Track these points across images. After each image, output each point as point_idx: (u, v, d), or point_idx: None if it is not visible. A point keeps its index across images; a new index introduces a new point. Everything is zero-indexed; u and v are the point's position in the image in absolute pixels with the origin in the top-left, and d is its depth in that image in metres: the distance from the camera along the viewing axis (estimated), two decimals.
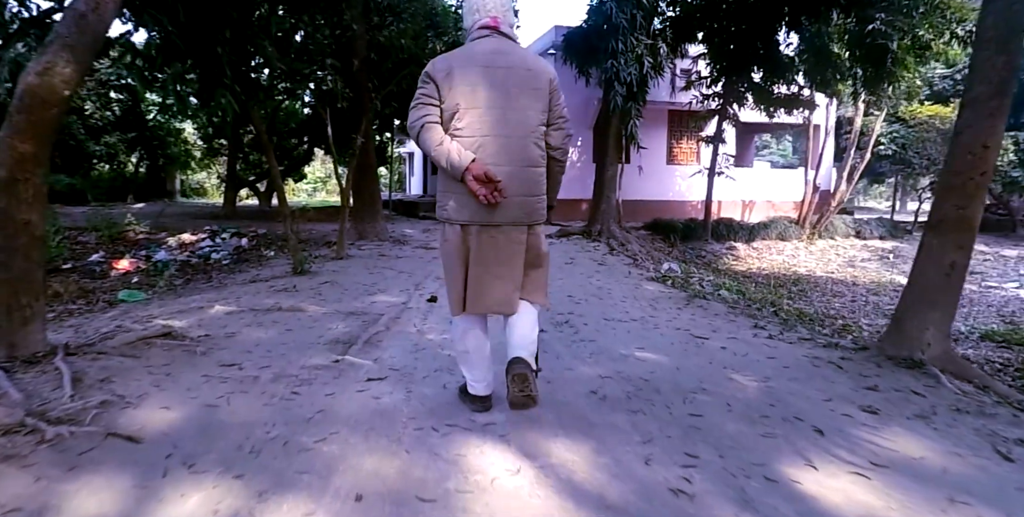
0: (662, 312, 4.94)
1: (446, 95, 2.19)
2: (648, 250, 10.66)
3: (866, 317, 8.19)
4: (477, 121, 2.18)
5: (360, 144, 7.99)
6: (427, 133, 2.19)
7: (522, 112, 2.22)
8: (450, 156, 2.15)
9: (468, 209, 2.22)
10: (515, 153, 2.22)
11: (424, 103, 2.21)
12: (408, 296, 5.15)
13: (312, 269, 6.57)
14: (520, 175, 2.23)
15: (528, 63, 2.26)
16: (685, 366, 3.22)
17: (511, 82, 2.20)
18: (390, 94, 9.32)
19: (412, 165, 29.14)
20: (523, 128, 2.23)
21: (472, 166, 2.13)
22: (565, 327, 4.13)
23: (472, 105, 2.18)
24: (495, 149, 2.19)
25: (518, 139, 2.22)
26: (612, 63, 9.92)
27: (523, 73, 2.23)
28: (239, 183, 17.47)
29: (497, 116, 2.19)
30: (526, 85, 2.23)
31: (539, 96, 2.25)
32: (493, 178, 2.14)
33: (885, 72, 9.50)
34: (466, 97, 2.17)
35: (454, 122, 2.20)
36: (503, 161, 2.19)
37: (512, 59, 2.24)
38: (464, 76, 2.18)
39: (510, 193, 2.19)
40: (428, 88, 2.21)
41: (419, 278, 6.23)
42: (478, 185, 2.14)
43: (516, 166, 2.22)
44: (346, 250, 7.91)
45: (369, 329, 3.83)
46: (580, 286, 5.86)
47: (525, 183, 2.25)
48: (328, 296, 5.05)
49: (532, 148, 2.26)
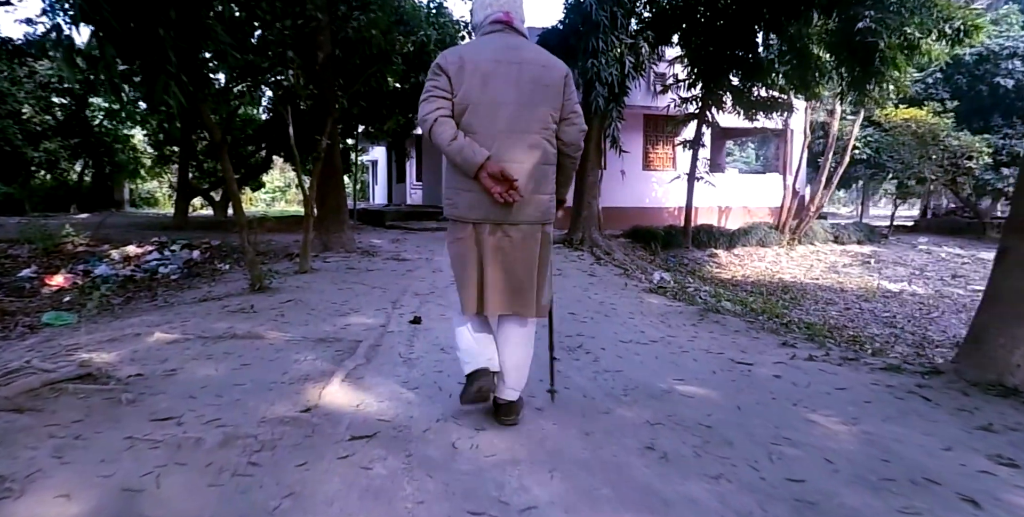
0: (678, 330, 4.35)
1: (458, 88, 2.12)
2: (632, 259, 10.14)
3: (869, 327, 7.80)
4: (490, 117, 2.12)
5: (325, 147, 7.25)
6: (440, 127, 2.11)
7: (535, 108, 2.17)
8: (464, 152, 2.08)
9: (481, 207, 2.16)
10: (529, 150, 2.17)
11: (436, 96, 2.13)
12: (387, 317, 4.44)
13: (272, 285, 5.80)
14: (534, 173, 2.18)
15: (541, 59, 2.22)
16: (745, 404, 2.62)
17: (524, 77, 2.15)
18: (357, 94, 8.61)
19: (375, 173, 28.26)
20: (537, 125, 2.17)
21: (488, 164, 2.07)
22: (580, 353, 3.50)
23: (485, 100, 2.12)
24: (508, 146, 2.13)
25: (532, 136, 2.17)
26: (593, 63, 9.40)
27: (537, 69, 2.18)
28: (192, 192, 16.39)
29: (510, 112, 2.14)
30: (539, 81, 2.17)
31: (552, 92, 2.20)
32: (510, 176, 2.08)
33: (873, 72, 9.21)
34: (478, 92, 2.12)
35: (465, 116, 2.14)
36: (517, 158, 2.14)
37: (525, 54, 2.19)
38: (476, 70, 2.12)
39: (525, 191, 2.14)
40: (440, 80, 2.14)
41: (395, 294, 5.52)
42: (493, 183, 2.07)
43: (530, 164, 2.17)
44: (310, 263, 7.14)
45: (345, 362, 3.12)
46: (579, 301, 5.24)
47: (539, 181, 2.20)
48: (292, 318, 4.31)
49: (546, 145, 2.21)
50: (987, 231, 16.50)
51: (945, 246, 14.89)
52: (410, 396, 2.65)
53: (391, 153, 23.14)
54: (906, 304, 9.62)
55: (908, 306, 9.45)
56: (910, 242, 15.38)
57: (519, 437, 2.20)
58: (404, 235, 11.94)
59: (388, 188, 24.18)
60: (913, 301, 9.84)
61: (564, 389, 2.80)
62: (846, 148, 13.26)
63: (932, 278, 11.98)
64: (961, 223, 17.06)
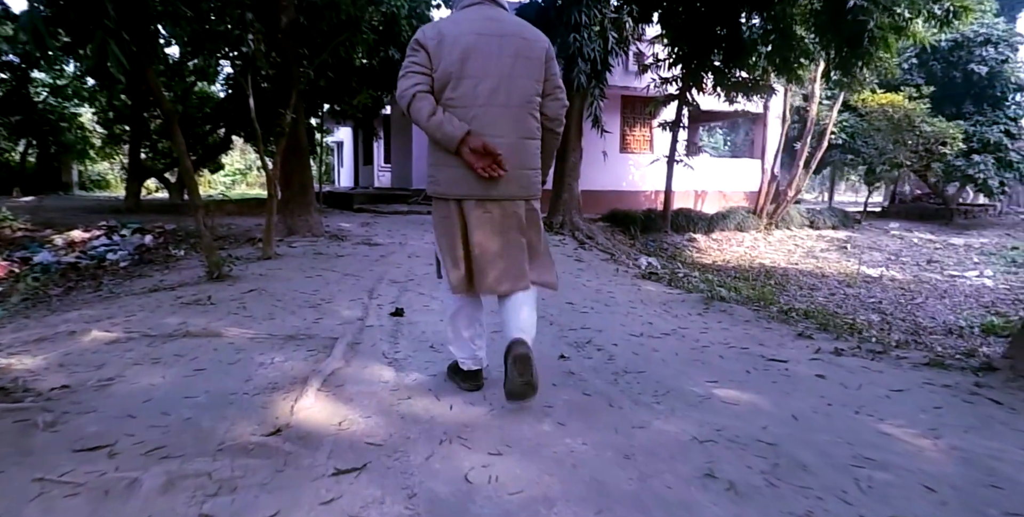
0: (687, 321, 3.98)
1: (438, 63, 2.08)
2: (615, 243, 9.78)
3: (858, 313, 7.60)
4: (471, 91, 2.08)
5: (289, 122, 6.64)
6: (418, 103, 2.07)
7: (518, 81, 2.12)
8: (443, 127, 2.04)
9: (464, 183, 2.12)
10: (512, 124, 2.13)
11: (414, 71, 2.09)
12: (364, 308, 3.96)
13: (233, 273, 5.23)
14: (518, 147, 2.14)
15: (523, 31, 2.17)
16: (802, 413, 2.23)
17: (506, 50, 2.10)
18: (324, 65, 7.98)
19: (341, 155, 27.34)
20: (519, 98, 2.13)
21: (469, 138, 2.04)
22: (591, 350, 3.08)
23: (466, 74, 2.08)
24: (491, 120, 2.09)
25: (514, 109, 2.13)
26: (575, 37, 8.91)
27: (518, 41, 2.13)
28: (144, 173, 15.41)
29: (492, 85, 2.09)
30: (521, 53, 2.13)
31: (535, 65, 2.16)
32: (493, 151, 2.04)
33: (861, 52, 8.94)
34: (459, 65, 2.07)
35: (447, 92, 2.09)
36: (500, 132, 2.10)
37: (506, 26, 2.14)
38: (457, 43, 2.07)
39: (509, 166, 2.09)
40: (419, 56, 2.10)
41: (370, 282, 5.03)
42: (475, 158, 2.05)
43: (513, 138, 2.13)
44: (274, 248, 6.56)
45: (320, 364, 2.64)
46: (574, 289, 4.83)
47: (522, 155, 2.16)
48: (256, 311, 3.79)
49: (529, 119, 2.17)
50: (954, 217, 16.65)
51: (916, 231, 14.95)
52: (402, 408, 2.20)
53: (358, 134, 22.31)
54: (887, 289, 9.50)
55: (890, 291, 9.32)
56: (882, 227, 15.41)
57: (545, 462, 1.78)
58: (374, 219, 11.36)
59: (355, 170, 23.37)
60: (894, 286, 9.73)
61: (584, 396, 2.38)
62: (824, 133, 13.09)
63: (908, 263, 11.95)
64: (930, 209, 17.18)
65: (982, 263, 11.96)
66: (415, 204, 14.56)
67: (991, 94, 15.09)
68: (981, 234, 14.73)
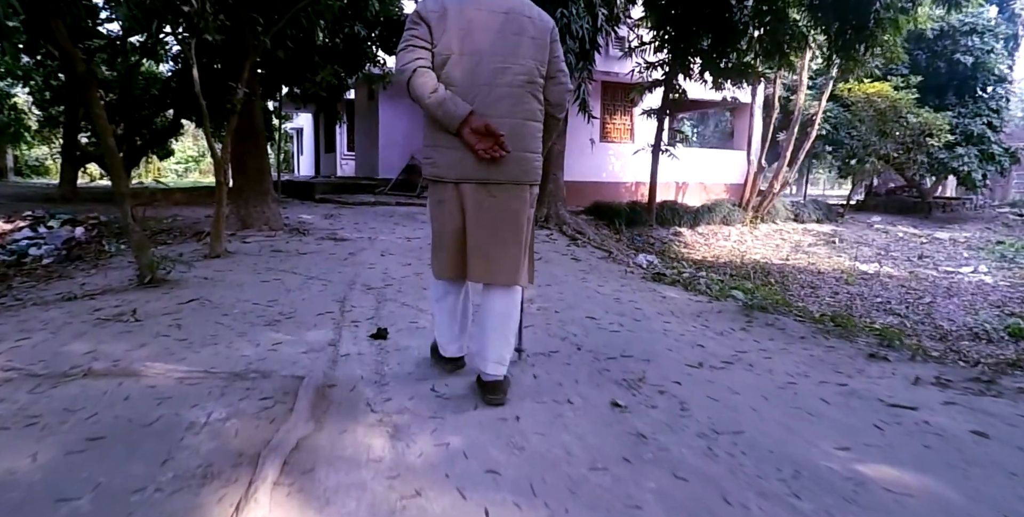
0: (738, 341, 3.25)
1: (439, 38, 1.97)
2: (603, 238, 9.06)
3: (871, 314, 7.06)
4: (473, 68, 1.98)
5: (242, 97, 5.67)
6: (419, 78, 1.94)
7: (522, 61, 2.02)
8: (445, 105, 1.93)
9: (463, 165, 2.00)
10: (514, 105, 2.02)
11: (415, 45, 1.97)
12: (335, 326, 3.11)
13: (171, 276, 4.30)
14: (519, 129, 2.03)
15: (527, 10, 2.06)
16: (1019, 513, 1.50)
17: (510, 28, 2.00)
18: (282, 36, 6.98)
19: (301, 143, 25.98)
20: (522, 78, 2.02)
21: (471, 118, 1.93)
22: (650, 392, 2.29)
23: (468, 51, 1.97)
24: (493, 100, 1.99)
25: (517, 89, 2.02)
26: (563, 12, 8.08)
27: (523, 20, 2.03)
28: (82, 158, 14.03)
29: (495, 64, 1.99)
30: (525, 32, 2.03)
31: (539, 45, 2.05)
32: (495, 132, 1.93)
33: (865, 35, 8.37)
34: (461, 42, 1.97)
35: (447, 68, 1.99)
36: (502, 113, 2.00)
37: (511, 3, 2.04)
38: (460, 18, 1.96)
39: (510, 148, 1.98)
40: (419, 29, 1.98)
41: (340, 288, 4.17)
42: (477, 139, 1.94)
43: (516, 119, 2.03)
44: (224, 245, 5.62)
45: (279, 429, 1.81)
46: (588, 297, 4.04)
47: (524, 138, 2.06)
48: (193, 332, 2.91)
49: (531, 100, 2.07)
50: (932, 211, 16.46)
51: (899, 225, 14.65)
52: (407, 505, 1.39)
53: (319, 120, 21.08)
54: (888, 287, 9.02)
55: (892, 290, 8.84)
56: (865, 221, 15.08)
57: None
58: (338, 210, 10.40)
59: (316, 159, 22.13)
60: (894, 284, 9.26)
61: (678, 481, 1.60)
62: (812, 124, 12.59)
63: (900, 259, 11.56)
64: (908, 203, 16.97)
65: (973, 258, 11.64)
66: (382, 194, 13.59)
67: (973, 85, 14.84)
68: (963, 228, 14.51)
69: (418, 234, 7.34)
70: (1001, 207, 16.59)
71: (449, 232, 2.08)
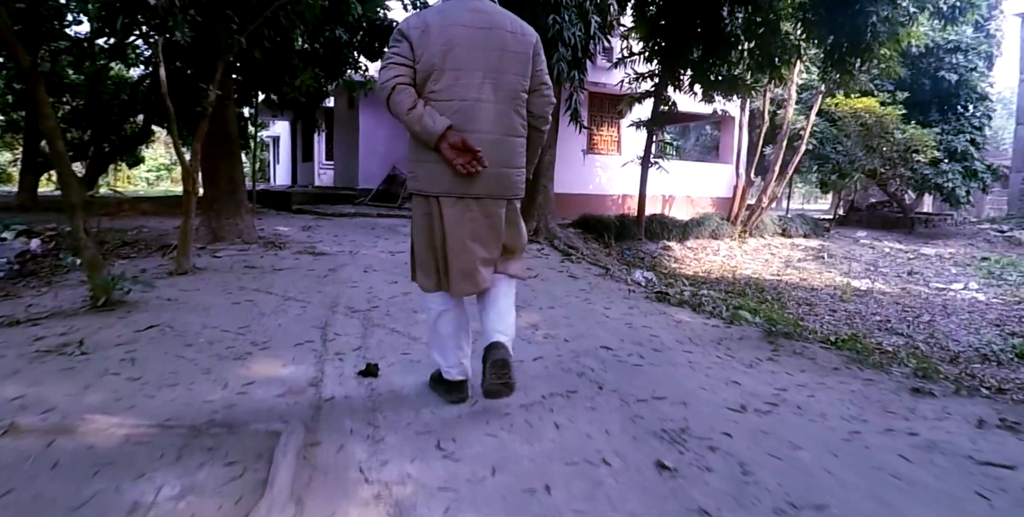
0: (769, 374, 2.90)
1: (421, 54, 1.97)
2: (594, 252, 8.73)
3: (873, 333, 6.80)
4: (455, 84, 1.98)
5: (214, 100, 5.24)
6: (398, 96, 1.95)
7: (504, 76, 2.02)
8: (423, 121, 1.93)
9: (443, 180, 2.00)
10: (496, 120, 2.02)
11: (396, 63, 1.98)
12: (317, 360, 2.69)
13: (130, 297, 3.85)
14: (500, 144, 2.03)
15: (510, 25, 2.06)
16: None
17: (492, 43, 2.01)
18: (258, 36, 6.57)
19: (278, 151, 25.37)
20: (505, 93, 2.03)
21: (448, 133, 1.93)
22: (697, 447, 1.92)
23: (450, 66, 1.97)
24: (474, 115, 1.99)
25: (499, 105, 2.03)
26: (555, 18, 7.79)
27: (505, 35, 2.03)
28: (44, 165, 13.35)
29: (477, 79, 1.99)
30: (508, 47, 2.03)
31: (522, 59, 2.06)
32: (471, 147, 1.94)
33: (862, 49, 8.21)
34: (444, 57, 1.96)
35: (429, 84, 1.98)
36: (483, 128, 2.00)
37: (494, 19, 2.03)
38: (442, 35, 1.96)
39: (489, 163, 1.98)
40: (401, 47, 1.99)
41: (321, 311, 3.75)
42: (455, 154, 1.94)
43: (497, 134, 2.03)
44: (193, 260, 5.15)
45: (250, 514, 1.39)
46: (598, 323, 3.66)
47: (505, 153, 2.05)
48: (148, 370, 2.47)
49: (513, 116, 2.07)
50: (915, 226, 16.46)
51: (885, 240, 14.58)
52: None
53: (296, 128, 20.57)
54: (884, 304, 8.81)
55: (888, 307, 8.63)
56: (850, 236, 14.99)
57: None
58: (316, 221, 9.94)
59: (292, 168, 21.56)
60: (889, 301, 9.06)
61: None
62: (800, 138, 12.46)
63: (889, 275, 11.42)
64: (891, 218, 16.97)
65: (961, 274, 11.55)
66: (362, 205, 13.13)
67: (956, 103, 14.91)
68: (947, 244, 14.48)
69: (401, 248, 6.93)
70: (981, 223, 16.66)
71: (432, 246, 2.07)
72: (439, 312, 2.14)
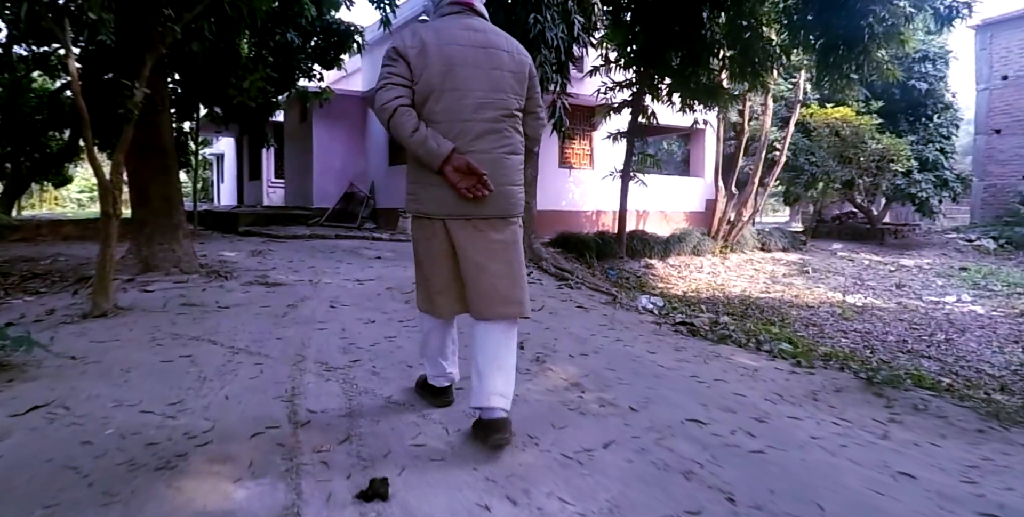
0: (921, 454, 2.11)
1: (419, 74, 1.93)
2: (582, 274, 7.94)
3: (898, 357, 6.20)
4: (455, 104, 1.94)
5: (140, 100, 4.21)
6: (400, 118, 1.90)
7: (502, 95, 2.00)
8: (427, 145, 1.89)
9: (448, 202, 1.96)
10: (496, 140, 1.99)
11: (395, 83, 1.93)
12: (288, 467, 1.74)
13: (14, 358, 2.80)
14: (503, 163, 2.00)
15: (506, 45, 2.05)
16: None
17: (490, 63, 1.98)
18: (197, 28, 5.58)
19: (222, 169, 23.88)
20: (503, 112, 2.00)
21: (453, 157, 1.89)
22: None
23: (449, 87, 1.94)
24: (475, 135, 1.95)
25: (499, 125, 2.00)
26: (536, 18, 7.06)
27: (502, 55, 2.01)
28: None
29: (477, 100, 1.95)
30: (504, 67, 2.01)
31: (519, 79, 2.04)
32: (476, 170, 1.90)
33: (857, 53, 7.75)
34: (443, 77, 1.93)
35: (428, 105, 1.94)
36: (484, 147, 1.96)
37: (489, 38, 2.02)
38: (440, 54, 1.93)
39: (494, 183, 1.94)
40: (398, 66, 1.94)
41: (283, 368, 2.79)
42: (459, 178, 1.90)
43: (498, 153, 1.99)
44: (114, 297, 4.10)
45: None
46: (657, 377, 2.78)
47: (507, 172, 2.02)
48: (7, 510, 1.49)
49: (513, 134, 2.04)
50: (885, 237, 16.34)
51: (861, 252, 14.29)
52: None
53: (242, 144, 19.29)
54: (887, 322, 8.29)
55: (893, 325, 8.10)
56: (827, 249, 14.68)
57: None
58: (267, 245, 8.86)
59: (238, 186, 20.21)
60: (891, 318, 8.56)
61: None
62: (779, 149, 12.06)
63: (878, 289, 11.01)
64: (860, 229, 16.83)
65: (948, 286, 11.24)
66: (318, 226, 12.05)
67: (924, 111, 14.86)
68: (921, 254, 14.30)
69: (370, 275, 5.97)
70: (947, 233, 16.66)
71: (441, 270, 2.03)
72: (429, 329, 2.16)
